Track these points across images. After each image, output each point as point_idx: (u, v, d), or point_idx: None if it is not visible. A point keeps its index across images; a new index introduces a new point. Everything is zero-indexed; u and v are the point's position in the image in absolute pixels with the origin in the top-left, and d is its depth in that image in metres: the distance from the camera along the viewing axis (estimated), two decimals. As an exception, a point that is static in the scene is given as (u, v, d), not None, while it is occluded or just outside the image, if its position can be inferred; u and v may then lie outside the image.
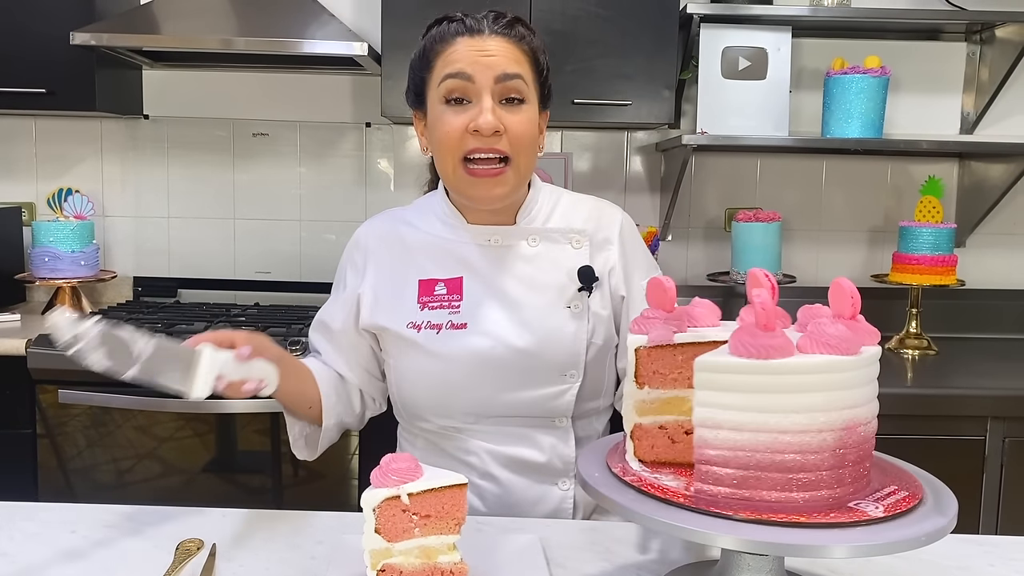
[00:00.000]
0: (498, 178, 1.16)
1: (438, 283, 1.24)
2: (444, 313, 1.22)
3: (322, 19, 2.34)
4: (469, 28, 1.17)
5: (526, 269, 1.24)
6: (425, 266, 1.25)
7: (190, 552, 1.01)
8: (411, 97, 1.25)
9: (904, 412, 1.99)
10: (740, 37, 2.37)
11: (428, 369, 1.22)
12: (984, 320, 2.61)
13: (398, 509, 0.87)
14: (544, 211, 1.27)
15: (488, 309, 1.22)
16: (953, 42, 2.61)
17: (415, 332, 1.22)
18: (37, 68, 2.34)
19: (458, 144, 1.15)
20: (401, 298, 1.25)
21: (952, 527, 0.79)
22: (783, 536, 0.75)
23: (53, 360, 2.10)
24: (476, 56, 1.15)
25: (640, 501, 0.81)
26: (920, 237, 2.33)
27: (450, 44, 1.17)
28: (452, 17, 1.19)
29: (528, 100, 1.18)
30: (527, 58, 1.18)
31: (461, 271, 1.24)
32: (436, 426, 1.27)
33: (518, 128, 1.15)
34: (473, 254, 1.25)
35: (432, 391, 1.24)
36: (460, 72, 1.15)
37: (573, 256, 1.24)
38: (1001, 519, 2.02)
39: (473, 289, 1.23)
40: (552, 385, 1.23)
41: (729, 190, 2.68)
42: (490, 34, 1.16)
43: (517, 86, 1.16)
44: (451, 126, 1.15)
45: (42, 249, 2.46)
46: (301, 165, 2.72)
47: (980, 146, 2.56)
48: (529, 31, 1.20)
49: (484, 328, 1.21)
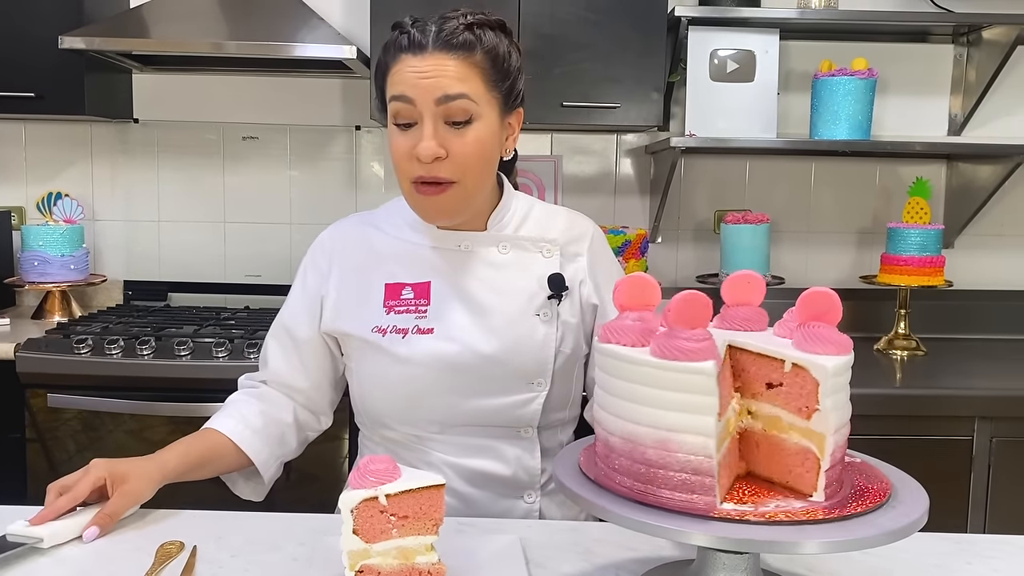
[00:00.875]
0: (441, 197, 1.14)
1: (405, 287, 1.22)
2: (411, 318, 1.20)
3: (311, 23, 2.35)
4: (412, 44, 1.12)
5: (495, 275, 1.22)
6: (392, 270, 1.23)
7: (170, 554, 1.01)
8: (379, 104, 1.22)
9: (892, 412, 2.00)
10: (728, 40, 2.38)
11: (393, 374, 1.20)
12: (972, 321, 2.62)
13: (376, 510, 0.88)
14: (516, 219, 1.26)
15: (456, 314, 1.20)
16: (940, 44, 2.62)
17: (380, 336, 1.20)
18: (26, 72, 2.34)
19: (405, 168, 1.14)
20: (367, 302, 1.23)
21: (924, 522, 0.80)
22: (756, 533, 0.75)
23: (42, 364, 2.10)
24: (416, 79, 1.10)
25: (616, 502, 0.82)
26: (908, 238, 2.34)
27: (396, 61, 1.13)
28: (402, 27, 1.15)
29: (477, 117, 1.12)
30: (475, 70, 1.12)
31: (429, 275, 1.22)
32: (399, 434, 1.25)
33: (462, 150, 1.12)
34: (442, 259, 1.23)
35: (396, 397, 1.22)
36: (401, 95, 1.12)
37: (543, 264, 1.23)
38: (989, 519, 2.03)
39: (441, 294, 1.21)
40: (519, 393, 1.21)
41: (718, 192, 2.69)
42: (433, 50, 1.11)
43: (462, 106, 1.11)
44: (398, 149, 1.14)
45: (32, 253, 2.46)
46: (291, 168, 2.72)
47: (968, 147, 2.57)
48: (485, 30, 1.13)
49: (451, 333, 1.19)
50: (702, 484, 0.78)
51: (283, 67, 2.60)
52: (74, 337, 2.13)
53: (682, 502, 0.79)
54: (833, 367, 0.81)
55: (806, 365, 0.82)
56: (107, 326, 2.28)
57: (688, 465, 0.78)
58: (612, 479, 0.83)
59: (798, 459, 0.85)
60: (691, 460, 0.78)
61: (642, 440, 0.80)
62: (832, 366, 0.81)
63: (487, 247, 1.23)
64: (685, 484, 0.78)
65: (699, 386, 0.77)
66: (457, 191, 1.14)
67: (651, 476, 0.80)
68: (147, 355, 2.09)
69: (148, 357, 2.09)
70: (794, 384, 0.84)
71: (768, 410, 0.86)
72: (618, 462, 0.83)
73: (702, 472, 0.78)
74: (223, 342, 2.12)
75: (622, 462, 0.82)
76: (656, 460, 0.79)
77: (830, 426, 0.82)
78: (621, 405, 0.82)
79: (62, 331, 2.23)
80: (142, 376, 2.09)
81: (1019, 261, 2.70)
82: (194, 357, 2.10)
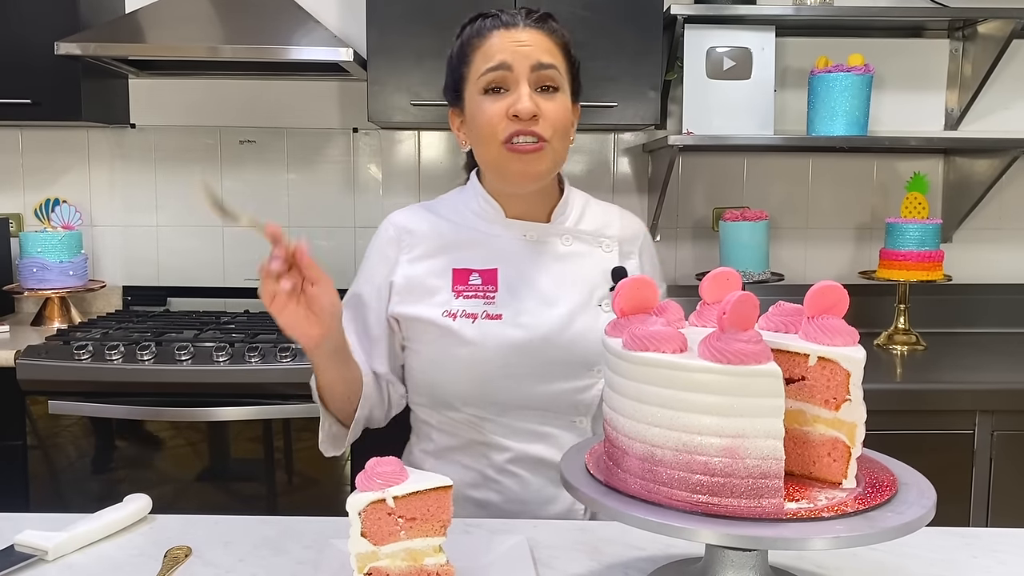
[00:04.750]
0: (537, 154, 1.21)
1: (472, 273, 1.27)
2: (479, 303, 1.25)
3: (308, 26, 2.34)
4: (504, 22, 1.23)
5: (559, 266, 1.28)
6: (459, 256, 1.28)
7: (178, 559, 1.01)
8: (449, 94, 1.30)
9: (893, 407, 2.00)
10: (724, 37, 2.38)
11: (462, 356, 1.24)
12: (971, 315, 2.62)
13: (384, 512, 0.88)
14: (576, 213, 1.33)
15: (523, 302, 1.25)
16: (936, 39, 2.63)
17: (451, 320, 1.24)
18: (22, 78, 2.34)
19: (499, 129, 1.20)
20: (435, 287, 1.27)
21: (931, 516, 0.80)
22: (763, 530, 0.75)
23: (43, 371, 2.10)
24: (513, 47, 1.21)
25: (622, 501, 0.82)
26: (906, 233, 2.34)
27: (487, 38, 1.23)
28: (487, 13, 1.26)
29: (562, 89, 1.23)
30: (560, 50, 1.24)
31: (495, 263, 1.27)
32: (464, 416, 1.28)
33: (553, 113, 1.21)
34: (509, 247, 1.28)
35: (464, 379, 1.25)
36: (501, 63, 1.20)
37: (604, 258, 1.31)
38: (991, 512, 2.03)
39: (508, 281, 1.26)
40: (580, 379, 1.26)
41: (716, 190, 2.69)
42: (524, 26, 1.23)
43: (552, 75, 1.22)
44: (491, 113, 1.20)
45: (30, 260, 2.46)
46: (289, 172, 2.72)
47: (965, 142, 2.58)
48: (560, 26, 1.27)
49: (519, 320, 1.24)
50: (768, 487, 0.77)
51: (280, 70, 2.60)
52: (74, 343, 2.13)
53: (751, 508, 0.77)
54: (863, 357, 0.82)
55: (835, 358, 0.83)
56: (107, 332, 2.28)
57: (757, 470, 0.77)
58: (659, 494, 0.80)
59: (824, 450, 0.85)
60: (760, 465, 0.76)
61: (704, 450, 0.77)
62: (862, 356, 0.82)
63: (551, 238, 1.29)
64: (753, 490, 0.77)
65: (767, 388, 0.76)
66: (547, 152, 1.21)
67: (714, 486, 0.78)
68: (147, 360, 2.09)
69: (148, 362, 2.09)
70: (820, 377, 0.84)
71: (789, 405, 0.86)
72: (667, 474, 0.79)
73: (770, 475, 0.77)
74: (223, 346, 2.12)
75: (672, 474, 0.79)
76: (721, 469, 0.77)
77: (860, 415, 0.83)
78: (672, 416, 0.78)
79: (62, 337, 2.23)
80: (143, 381, 2.09)
81: (1017, 254, 2.71)
82: (194, 362, 2.10)
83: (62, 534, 1.03)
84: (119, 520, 1.10)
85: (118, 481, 2.14)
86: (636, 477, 0.82)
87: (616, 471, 0.84)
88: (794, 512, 0.78)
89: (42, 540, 1.02)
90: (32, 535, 1.03)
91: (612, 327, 0.90)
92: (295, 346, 2.13)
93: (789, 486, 0.85)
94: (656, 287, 0.93)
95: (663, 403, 0.79)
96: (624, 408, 0.83)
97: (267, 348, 2.12)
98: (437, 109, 2.35)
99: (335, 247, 2.73)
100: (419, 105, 2.33)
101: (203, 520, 1.14)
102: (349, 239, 2.73)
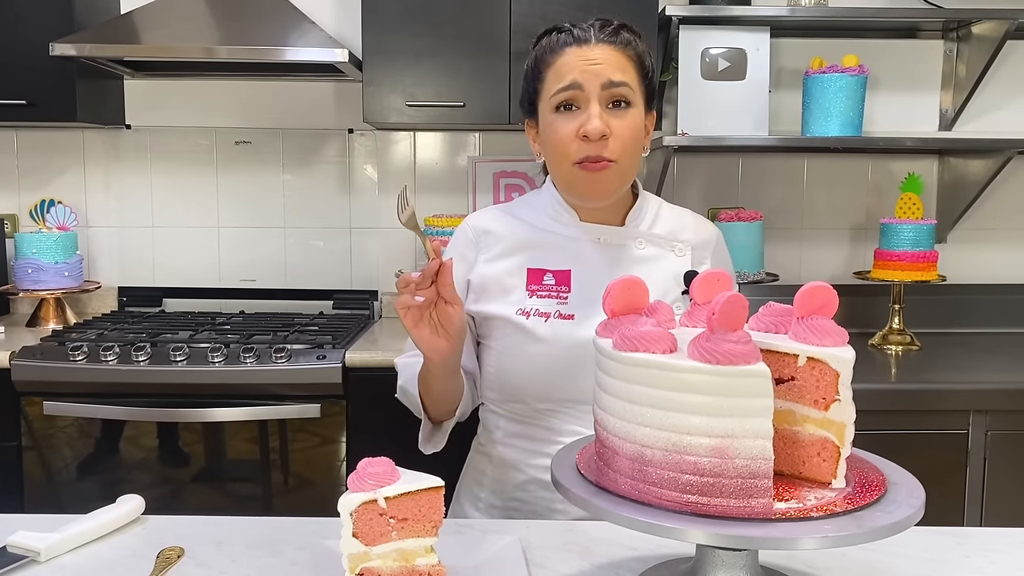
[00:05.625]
0: (605, 172, 1.22)
1: (547, 273, 1.29)
2: (552, 303, 1.28)
3: (303, 27, 2.35)
4: (577, 38, 1.24)
5: (633, 269, 1.29)
6: (534, 256, 1.31)
7: (170, 560, 1.01)
8: (524, 107, 1.33)
9: (887, 407, 2.01)
10: (719, 38, 2.38)
11: (533, 353, 1.27)
12: (966, 315, 2.63)
13: (375, 513, 0.88)
14: (649, 217, 1.34)
15: (595, 303, 1.23)
16: (930, 40, 2.63)
17: (524, 319, 1.28)
18: (17, 79, 2.34)
19: (570, 150, 1.22)
20: (510, 285, 1.30)
21: (920, 515, 0.80)
22: (753, 530, 0.75)
23: (38, 372, 2.10)
24: (583, 65, 1.22)
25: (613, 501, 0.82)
26: (901, 234, 2.35)
27: (559, 55, 1.24)
28: (561, 28, 1.27)
29: (634, 104, 1.24)
30: (632, 64, 1.25)
31: (570, 264, 1.29)
32: (532, 409, 1.31)
33: (623, 132, 1.22)
34: (583, 249, 1.30)
35: (536, 376, 1.28)
36: (572, 83, 1.22)
37: (676, 262, 1.32)
38: (985, 512, 2.04)
39: (581, 283, 1.28)
40: None
41: (711, 190, 2.69)
42: (596, 43, 1.23)
43: (622, 92, 1.22)
44: (563, 133, 1.23)
45: (25, 261, 2.46)
46: (285, 172, 2.72)
47: (959, 142, 2.58)
48: (634, 35, 1.27)
49: (591, 322, 1.23)
50: (758, 487, 0.77)
51: (275, 71, 2.60)
52: (69, 344, 2.13)
53: (740, 508, 0.77)
54: (852, 357, 0.82)
55: (824, 358, 0.84)
56: (102, 333, 2.28)
57: (746, 470, 0.77)
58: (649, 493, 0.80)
59: (814, 449, 0.86)
60: (749, 465, 0.77)
61: (694, 451, 0.77)
62: (851, 357, 0.82)
63: (625, 241, 1.31)
64: (742, 489, 0.77)
65: (756, 389, 0.77)
66: (616, 169, 1.23)
67: (703, 486, 0.78)
68: (143, 361, 2.09)
69: (144, 363, 2.09)
70: (810, 377, 0.85)
71: (779, 405, 0.86)
72: (656, 474, 0.80)
73: (759, 475, 0.77)
74: (219, 347, 2.12)
75: (662, 474, 0.79)
76: (710, 469, 0.77)
77: (849, 415, 0.83)
78: (662, 416, 0.79)
79: (57, 338, 2.23)
80: (138, 382, 2.09)
81: (1012, 255, 2.72)
82: (190, 363, 2.10)
83: (55, 535, 1.03)
84: (112, 521, 1.10)
85: (113, 482, 2.14)
86: (626, 477, 0.82)
87: (606, 471, 0.85)
88: (783, 512, 0.78)
89: (34, 541, 1.02)
90: (25, 536, 1.03)
91: (603, 327, 0.90)
92: (289, 347, 2.14)
93: (778, 486, 0.85)
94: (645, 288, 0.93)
95: (653, 403, 0.79)
96: (614, 408, 0.83)
97: (262, 349, 2.12)
98: (432, 109, 2.35)
99: (331, 248, 2.73)
100: (414, 106, 2.34)
101: (196, 521, 1.14)
102: (345, 240, 2.73)
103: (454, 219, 2.46)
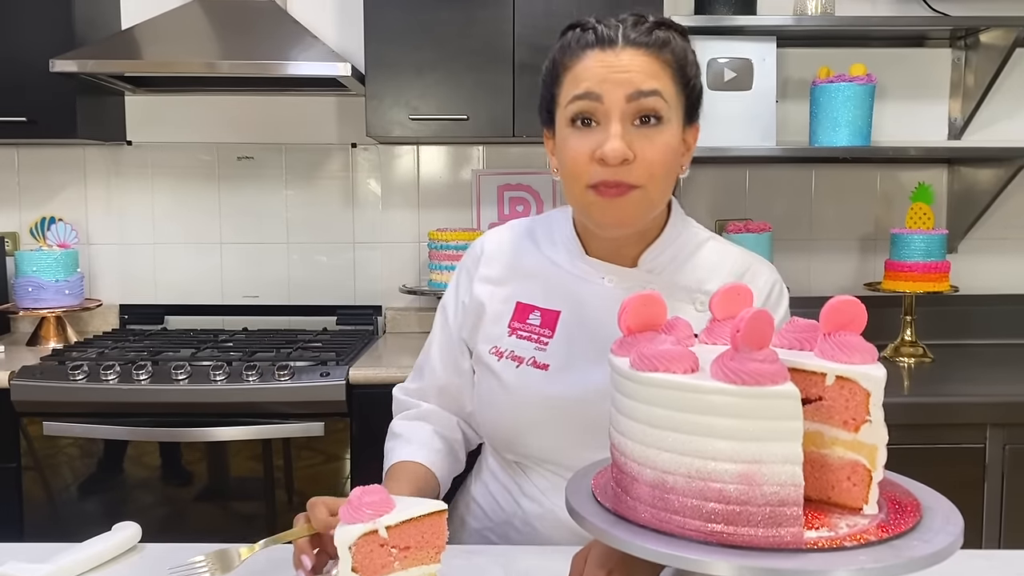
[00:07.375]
0: (622, 200, 1.02)
1: (535, 311, 1.14)
2: (529, 347, 1.13)
3: (305, 41, 2.33)
4: (600, 39, 1.03)
5: None
6: (527, 288, 1.16)
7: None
8: (542, 114, 1.13)
9: (902, 421, 1.96)
10: (725, 48, 2.36)
11: (500, 401, 1.14)
12: (979, 326, 2.59)
13: (375, 544, 0.84)
14: (671, 259, 1.13)
15: (577, 356, 1.10)
16: (938, 48, 2.61)
17: (495, 359, 1.14)
18: (17, 96, 2.32)
19: (583, 172, 1.03)
20: (495, 317, 1.16)
21: (960, 544, 0.77)
22: (783, 562, 0.72)
23: (38, 392, 2.07)
24: (605, 72, 1.01)
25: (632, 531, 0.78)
26: (912, 244, 2.32)
27: (579, 58, 1.04)
28: (584, 24, 1.06)
29: (667, 119, 1.03)
30: (668, 69, 1.04)
31: (561, 304, 1.13)
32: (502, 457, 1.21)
33: (651, 155, 1.01)
34: (583, 290, 1.12)
35: (501, 424, 1.16)
36: (589, 92, 1.02)
37: (693, 318, 0.96)
38: (1004, 527, 2.00)
39: (568, 329, 1.12)
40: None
41: (719, 201, 2.66)
42: (624, 45, 1.02)
43: (653, 104, 1.01)
44: (577, 152, 1.03)
45: (26, 279, 2.43)
46: (287, 188, 2.70)
47: (969, 151, 2.55)
48: (674, 32, 1.06)
49: (566, 376, 1.10)
50: (787, 516, 0.72)
51: (277, 86, 2.58)
52: (70, 363, 2.10)
53: (769, 538, 0.73)
54: (883, 376, 0.78)
55: (854, 377, 0.79)
56: (103, 351, 2.25)
57: (775, 497, 0.72)
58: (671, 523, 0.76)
59: (843, 473, 0.81)
60: (778, 491, 0.72)
61: (719, 477, 0.73)
62: (882, 375, 0.77)
63: (632, 285, 1.10)
64: (771, 518, 0.72)
65: (785, 411, 0.72)
66: (640, 196, 1.03)
67: (729, 515, 0.73)
68: (144, 380, 2.06)
69: (145, 382, 2.06)
70: (839, 397, 0.80)
71: (806, 427, 0.82)
72: (679, 502, 0.75)
73: (789, 503, 0.72)
74: (221, 365, 2.09)
75: (685, 502, 0.75)
76: (737, 496, 0.73)
77: (881, 436, 0.78)
78: (684, 440, 0.74)
79: (57, 358, 2.20)
80: (139, 402, 2.06)
81: (1024, 264, 2.69)
82: (192, 381, 2.07)
83: (47, 566, 1.00)
84: (107, 550, 1.06)
85: (115, 503, 2.11)
86: (646, 505, 0.78)
87: (625, 499, 0.81)
88: (814, 542, 0.74)
89: (26, 573, 0.98)
90: (16, 568, 0.99)
91: (619, 345, 0.86)
92: (292, 364, 2.11)
93: (807, 512, 0.81)
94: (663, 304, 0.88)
95: (675, 427, 0.75)
96: (633, 432, 0.79)
97: (265, 367, 2.09)
98: (436, 123, 2.33)
99: (334, 263, 2.70)
100: (418, 119, 2.31)
101: (194, 549, 1.10)
102: (348, 255, 2.70)
103: (458, 233, 2.44)
